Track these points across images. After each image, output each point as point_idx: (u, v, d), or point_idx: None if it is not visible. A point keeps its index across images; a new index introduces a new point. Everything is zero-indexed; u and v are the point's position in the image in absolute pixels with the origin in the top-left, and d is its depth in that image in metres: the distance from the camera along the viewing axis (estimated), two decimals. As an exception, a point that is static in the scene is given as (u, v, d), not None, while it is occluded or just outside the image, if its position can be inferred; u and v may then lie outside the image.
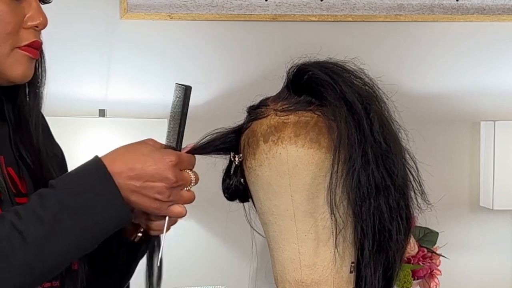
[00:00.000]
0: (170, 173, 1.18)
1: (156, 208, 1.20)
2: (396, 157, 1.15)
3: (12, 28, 1.26)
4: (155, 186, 1.18)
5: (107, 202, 1.16)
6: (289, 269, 1.19)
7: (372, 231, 1.14)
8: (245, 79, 2.79)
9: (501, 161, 2.73)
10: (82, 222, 1.14)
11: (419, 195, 1.18)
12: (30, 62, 1.29)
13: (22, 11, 1.27)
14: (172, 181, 1.18)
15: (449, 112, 2.86)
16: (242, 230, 1.31)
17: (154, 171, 1.17)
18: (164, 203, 1.20)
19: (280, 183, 1.16)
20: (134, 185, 1.17)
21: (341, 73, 1.17)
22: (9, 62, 1.27)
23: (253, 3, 2.78)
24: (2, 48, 1.26)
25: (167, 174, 1.18)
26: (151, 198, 1.18)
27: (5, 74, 1.28)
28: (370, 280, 1.16)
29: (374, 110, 1.15)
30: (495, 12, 2.85)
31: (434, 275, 2.68)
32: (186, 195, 1.21)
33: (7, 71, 1.27)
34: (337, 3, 2.80)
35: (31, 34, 1.28)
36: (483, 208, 2.84)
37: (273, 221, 1.19)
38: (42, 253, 1.13)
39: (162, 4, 2.76)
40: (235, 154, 1.22)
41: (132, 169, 1.17)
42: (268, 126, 1.17)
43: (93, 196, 1.15)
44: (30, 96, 1.34)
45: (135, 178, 1.17)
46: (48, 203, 1.14)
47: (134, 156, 1.19)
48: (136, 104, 2.73)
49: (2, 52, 1.26)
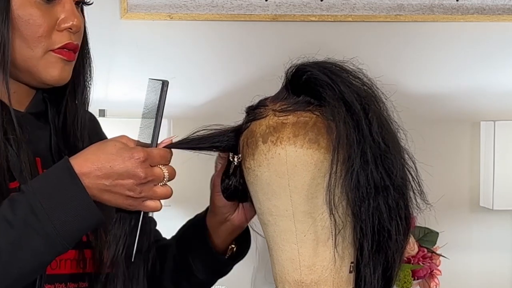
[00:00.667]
0: (139, 169, 1.18)
1: (129, 205, 1.20)
2: (395, 157, 1.15)
3: (43, 31, 1.27)
4: (124, 184, 1.17)
5: (75, 203, 1.16)
6: (288, 269, 1.19)
7: (371, 231, 1.14)
8: (245, 79, 2.79)
9: (501, 161, 2.73)
10: (51, 224, 1.14)
11: (418, 195, 1.18)
12: (65, 64, 1.30)
13: (55, 14, 1.28)
14: (141, 177, 1.18)
15: (449, 112, 2.86)
16: (242, 230, 1.31)
17: (122, 169, 1.17)
18: (137, 199, 1.19)
19: (279, 183, 1.16)
20: (103, 184, 1.17)
21: (339, 73, 1.17)
22: (43, 65, 1.28)
23: (253, 3, 2.78)
24: (35, 51, 1.27)
25: (136, 171, 1.17)
26: (123, 195, 1.18)
27: (40, 77, 1.29)
28: (369, 280, 1.17)
29: (373, 110, 1.15)
30: (495, 12, 2.85)
31: (434, 275, 2.68)
32: (160, 190, 1.21)
33: (41, 74, 1.28)
34: (337, 3, 2.80)
35: (65, 36, 1.29)
36: (483, 208, 2.84)
37: (272, 221, 1.19)
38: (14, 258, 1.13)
39: (162, 4, 2.76)
40: (234, 154, 1.22)
41: (100, 169, 1.17)
42: (267, 127, 1.17)
43: (61, 197, 1.15)
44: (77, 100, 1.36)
45: (104, 177, 1.17)
46: (17, 207, 1.14)
47: (102, 155, 1.18)
48: (136, 104, 2.71)
49: (35, 55, 1.27)
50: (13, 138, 1.26)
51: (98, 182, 1.17)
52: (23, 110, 1.33)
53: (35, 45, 1.27)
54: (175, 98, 2.78)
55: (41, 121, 1.35)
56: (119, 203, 1.20)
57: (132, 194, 1.18)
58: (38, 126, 1.33)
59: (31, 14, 1.26)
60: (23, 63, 1.28)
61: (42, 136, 1.33)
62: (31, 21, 1.26)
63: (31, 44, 1.27)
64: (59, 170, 1.18)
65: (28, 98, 1.34)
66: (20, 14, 1.26)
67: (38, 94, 1.35)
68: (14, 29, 1.26)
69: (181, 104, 2.77)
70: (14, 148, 1.26)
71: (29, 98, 1.34)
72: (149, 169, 1.19)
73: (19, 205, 1.14)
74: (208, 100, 2.79)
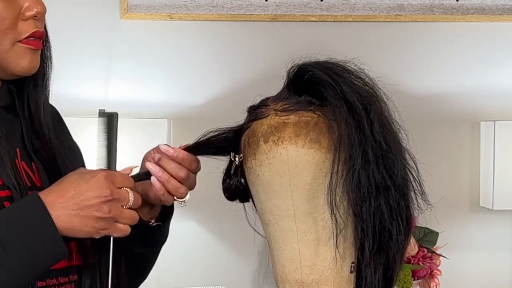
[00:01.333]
0: (103, 186, 1.18)
1: (101, 229, 1.19)
2: (396, 157, 1.15)
3: (9, 23, 1.25)
4: (91, 204, 1.18)
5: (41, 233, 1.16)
6: (289, 269, 1.19)
7: (372, 231, 1.15)
8: (245, 79, 2.79)
9: (501, 161, 2.73)
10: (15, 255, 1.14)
11: (419, 196, 1.18)
12: (33, 53, 1.29)
13: (18, 3, 1.27)
14: (107, 194, 1.18)
15: (449, 112, 2.86)
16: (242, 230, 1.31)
17: (86, 189, 1.18)
18: (107, 220, 1.19)
19: (281, 183, 1.16)
20: (71, 209, 1.17)
21: (341, 73, 1.17)
22: (12, 57, 1.27)
23: (253, 3, 2.78)
24: (3, 44, 1.26)
25: (100, 187, 1.18)
26: (92, 217, 1.18)
27: (10, 69, 1.28)
28: (370, 280, 1.17)
29: (375, 110, 1.15)
30: (495, 12, 2.85)
31: (434, 275, 2.68)
32: (127, 212, 1.21)
33: (11, 66, 1.27)
34: (337, 3, 2.80)
35: (31, 25, 1.28)
36: (483, 208, 2.84)
37: (273, 221, 1.19)
38: None
39: (162, 4, 2.75)
40: (235, 154, 1.22)
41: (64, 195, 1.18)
42: (268, 126, 1.17)
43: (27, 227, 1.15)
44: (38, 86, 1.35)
45: (70, 202, 1.17)
46: None
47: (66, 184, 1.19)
48: (136, 104, 2.73)
49: (3, 48, 1.26)
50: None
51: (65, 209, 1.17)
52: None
53: (2, 39, 1.26)
54: (174, 98, 2.79)
55: (11, 114, 1.33)
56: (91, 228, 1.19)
57: (100, 214, 1.18)
58: (8, 119, 1.32)
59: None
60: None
61: (15, 128, 1.32)
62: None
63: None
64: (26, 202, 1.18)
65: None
66: None
67: (4, 87, 1.33)
68: None
69: (180, 104, 2.77)
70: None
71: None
72: (113, 187, 1.20)
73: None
74: (207, 100, 2.79)
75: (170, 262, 2.58)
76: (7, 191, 1.24)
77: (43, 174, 1.30)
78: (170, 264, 2.63)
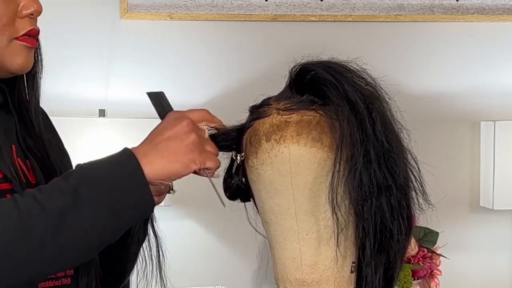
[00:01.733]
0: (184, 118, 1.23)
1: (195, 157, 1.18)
2: (398, 156, 1.15)
3: (6, 20, 1.26)
4: (177, 135, 1.19)
5: (129, 179, 1.14)
6: (290, 268, 1.19)
7: (373, 230, 1.14)
8: (245, 79, 2.79)
9: (501, 161, 2.73)
10: (102, 197, 1.13)
11: (420, 195, 1.18)
12: (29, 51, 1.30)
13: (16, 2, 1.28)
14: (189, 121, 1.21)
15: (449, 112, 2.86)
16: (242, 230, 1.31)
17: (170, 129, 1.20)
18: (197, 145, 1.18)
19: (282, 182, 1.16)
20: (161, 147, 1.17)
21: (344, 72, 1.17)
22: (8, 54, 1.27)
23: (253, 3, 2.78)
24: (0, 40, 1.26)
25: (181, 119, 1.22)
26: (182, 146, 1.18)
27: (5, 66, 1.28)
28: (371, 280, 1.16)
29: (377, 110, 1.15)
30: (495, 12, 2.85)
31: (434, 275, 2.68)
32: (210, 142, 1.22)
33: (6, 63, 1.28)
34: (337, 3, 2.80)
35: (27, 23, 1.28)
36: (483, 208, 2.84)
37: (274, 220, 1.19)
38: (62, 224, 1.11)
39: (162, 4, 2.75)
40: (237, 153, 1.22)
41: (152, 141, 1.19)
42: (270, 125, 1.17)
43: (116, 172, 1.14)
44: (28, 85, 1.35)
45: (159, 143, 1.18)
46: (71, 178, 1.13)
47: (151, 135, 1.21)
48: (136, 104, 2.73)
49: (0, 45, 1.26)
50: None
51: (154, 149, 1.17)
52: None
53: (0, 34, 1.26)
54: (174, 98, 2.78)
55: (3, 112, 1.33)
56: (185, 158, 1.17)
57: (188, 140, 1.18)
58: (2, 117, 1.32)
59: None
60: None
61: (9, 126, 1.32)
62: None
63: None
64: (116, 154, 1.18)
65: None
66: None
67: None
68: None
69: (181, 104, 2.75)
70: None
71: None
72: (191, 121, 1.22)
73: (73, 176, 1.14)
74: (207, 100, 2.79)
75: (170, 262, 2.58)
76: (8, 184, 1.24)
77: (38, 172, 1.30)
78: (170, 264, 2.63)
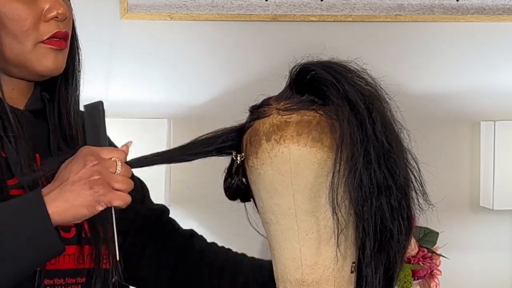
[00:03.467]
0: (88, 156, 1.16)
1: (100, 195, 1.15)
2: (398, 157, 1.15)
3: (30, 24, 1.28)
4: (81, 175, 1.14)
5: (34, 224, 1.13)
6: (290, 269, 1.19)
7: (373, 230, 1.14)
8: (245, 79, 2.79)
9: (501, 161, 2.73)
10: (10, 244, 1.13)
11: (420, 196, 1.18)
12: (57, 53, 1.31)
13: (39, 5, 1.29)
14: (92, 159, 1.15)
15: (449, 112, 2.86)
16: (242, 230, 1.31)
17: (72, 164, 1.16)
18: (102, 184, 1.15)
19: (282, 182, 1.16)
20: (63, 186, 1.14)
21: (344, 73, 1.17)
22: (35, 58, 1.29)
23: (253, 3, 2.78)
24: (25, 45, 1.28)
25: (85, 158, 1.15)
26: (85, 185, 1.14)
27: (34, 69, 1.30)
28: (371, 280, 1.16)
29: (377, 110, 1.15)
30: (495, 12, 2.85)
31: (434, 275, 2.68)
32: (119, 177, 1.17)
33: (35, 66, 1.30)
34: (337, 3, 2.80)
35: (52, 25, 1.30)
36: (483, 208, 2.84)
37: (274, 220, 1.19)
38: None
39: (162, 4, 2.75)
40: (237, 153, 1.22)
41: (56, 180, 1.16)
42: (270, 125, 1.17)
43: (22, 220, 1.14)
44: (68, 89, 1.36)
45: (61, 181, 1.15)
46: None
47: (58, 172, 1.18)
48: (136, 104, 2.73)
49: (26, 49, 1.28)
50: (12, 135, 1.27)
51: (56, 189, 1.15)
52: (22, 108, 1.34)
53: (24, 39, 1.28)
54: (174, 98, 2.79)
55: (40, 119, 1.36)
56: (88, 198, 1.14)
57: (92, 178, 1.14)
58: (36, 124, 1.34)
59: (15, 9, 1.28)
60: (16, 58, 1.29)
61: (41, 134, 1.34)
62: (16, 16, 1.28)
63: (20, 39, 1.28)
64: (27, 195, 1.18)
65: (27, 96, 1.35)
66: (4, 11, 1.28)
67: (36, 92, 1.36)
68: (1, 27, 1.28)
69: (180, 104, 2.77)
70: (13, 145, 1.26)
71: (27, 96, 1.35)
72: (99, 156, 1.17)
73: None
74: (207, 100, 2.79)
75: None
76: (21, 190, 1.24)
77: None
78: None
